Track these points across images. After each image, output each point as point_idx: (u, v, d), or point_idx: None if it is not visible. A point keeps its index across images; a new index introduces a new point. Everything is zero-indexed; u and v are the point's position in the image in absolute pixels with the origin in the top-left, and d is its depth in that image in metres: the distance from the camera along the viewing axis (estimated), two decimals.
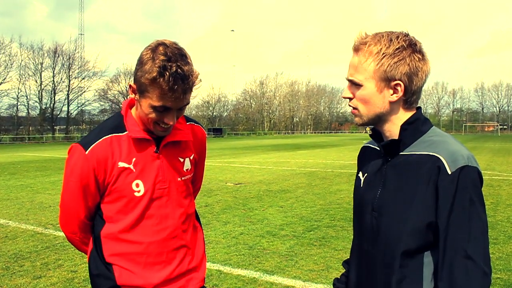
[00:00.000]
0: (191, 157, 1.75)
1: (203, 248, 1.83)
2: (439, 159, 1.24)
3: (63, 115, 64.81)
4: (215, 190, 10.20)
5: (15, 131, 58.88)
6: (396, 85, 1.30)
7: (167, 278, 1.65)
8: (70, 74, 62.49)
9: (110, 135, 1.61)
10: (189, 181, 1.76)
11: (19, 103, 59.72)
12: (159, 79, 1.42)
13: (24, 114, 61.12)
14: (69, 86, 62.73)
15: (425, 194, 1.24)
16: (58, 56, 61.10)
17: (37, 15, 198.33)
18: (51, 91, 61.09)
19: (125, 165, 1.59)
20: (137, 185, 1.60)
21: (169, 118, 1.52)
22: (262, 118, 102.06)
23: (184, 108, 1.57)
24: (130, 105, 1.68)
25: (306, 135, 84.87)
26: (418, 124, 1.35)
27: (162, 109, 1.49)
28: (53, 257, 5.10)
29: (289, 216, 7.32)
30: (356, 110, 1.37)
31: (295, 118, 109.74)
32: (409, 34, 1.31)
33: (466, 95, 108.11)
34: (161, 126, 1.55)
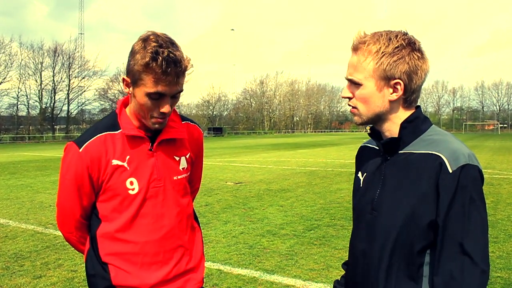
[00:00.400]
0: (187, 156, 1.74)
1: (202, 249, 1.81)
2: (440, 158, 1.24)
3: (63, 115, 64.95)
4: (215, 189, 10.19)
5: (15, 131, 59.00)
6: (396, 84, 1.30)
7: (164, 279, 1.64)
8: (70, 74, 62.67)
9: (104, 133, 1.61)
10: (186, 180, 1.74)
11: (19, 103, 59.98)
12: (152, 64, 1.43)
13: (24, 114, 61.27)
14: (69, 86, 62.92)
15: (426, 193, 1.24)
16: (58, 56, 61.30)
17: (37, 15, 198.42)
18: (51, 91, 61.28)
19: (119, 163, 1.58)
20: (131, 183, 1.59)
21: (164, 107, 1.52)
22: (262, 117, 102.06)
23: (179, 96, 1.57)
24: (125, 104, 1.68)
25: (306, 134, 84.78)
26: (418, 123, 1.34)
27: (157, 96, 1.50)
28: (53, 257, 5.09)
29: (289, 215, 7.31)
30: (356, 109, 1.36)
31: (295, 117, 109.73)
32: (408, 33, 1.31)
33: (466, 94, 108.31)
34: (156, 118, 1.55)
